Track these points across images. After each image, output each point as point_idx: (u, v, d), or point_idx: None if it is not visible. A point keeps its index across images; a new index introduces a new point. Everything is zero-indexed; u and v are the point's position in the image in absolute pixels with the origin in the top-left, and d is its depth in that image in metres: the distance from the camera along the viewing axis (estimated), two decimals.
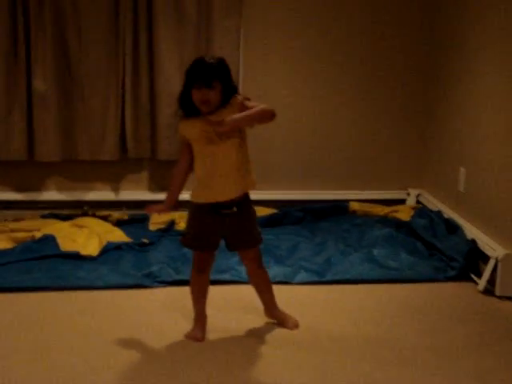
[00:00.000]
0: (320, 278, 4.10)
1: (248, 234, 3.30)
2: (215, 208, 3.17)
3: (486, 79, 4.29)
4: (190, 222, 3.29)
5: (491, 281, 3.92)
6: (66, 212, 5.08)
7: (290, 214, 5.17)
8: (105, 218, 4.98)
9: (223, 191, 3.16)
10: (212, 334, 3.35)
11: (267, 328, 3.44)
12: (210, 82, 2.99)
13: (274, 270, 4.13)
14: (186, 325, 3.44)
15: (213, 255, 3.33)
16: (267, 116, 3.14)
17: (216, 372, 2.99)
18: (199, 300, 3.34)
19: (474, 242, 4.18)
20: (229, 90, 3.07)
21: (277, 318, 3.47)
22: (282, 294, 3.88)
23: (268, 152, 5.37)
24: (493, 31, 4.19)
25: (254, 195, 5.25)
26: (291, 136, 5.37)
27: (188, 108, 3.09)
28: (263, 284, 3.44)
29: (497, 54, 4.13)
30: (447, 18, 4.97)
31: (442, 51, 5.06)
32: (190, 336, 3.30)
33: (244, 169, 3.19)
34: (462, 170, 4.61)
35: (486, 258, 4.01)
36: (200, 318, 3.34)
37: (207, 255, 3.29)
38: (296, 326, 3.44)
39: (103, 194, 5.25)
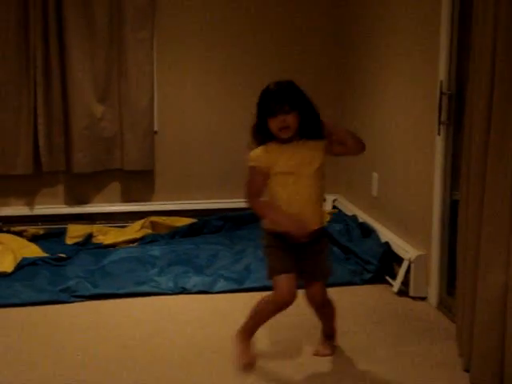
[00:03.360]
0: (239, 286, 4.12)
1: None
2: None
3: (396, 87, 4.41)
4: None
5: (405, 282, 4.02)
6: None
7: (209, 223, 5.19)
8: (20, 234, 4.89)
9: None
10: (135, 346, 3.33)
11: (189, 337, 3.44)
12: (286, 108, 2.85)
13: (193, 280, 4.15)
14: (103, 338, 3.42)
15: None
16: (362, 146, 3.00)
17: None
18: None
19: (387, 244, 4.28)
20: (308, 114, 2.93)
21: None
22: (203, 304, 3.90)
23: (186, 161, 5.38)
24: (400, 37, 4.31)
25: (174, 205, 5.30)
26: (208, 145, 5.39)
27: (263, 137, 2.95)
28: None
29: (406, 62, 4.25)
30: (357, 18, 5.09)
31: (353, 57, 5.17)
32: (238, 361, 3.06)
33: (321, 202, 3.06)
34: (375, 175, 4.73)
35: (399, 260, 4.11)
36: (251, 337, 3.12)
37: None
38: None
39: (18, 209, 5.15)
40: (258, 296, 3.93)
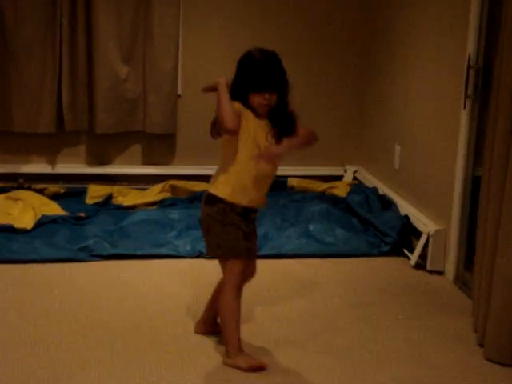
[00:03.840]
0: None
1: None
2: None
3: (423, 59, 4.35)
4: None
5: (423, 256, 4.01)
6: (0, 185, 4.98)
7: None
8: (41, 192, 4.92)
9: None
10: (151, 307, 3.36)
11: (205, 300, 3.45)
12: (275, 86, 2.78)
13: None
14: (119, 298, 3.45)
15: None
16: (313, 141, 2.90)
17: (142, 347, 3.00)
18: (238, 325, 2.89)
19: (407, 217, 4.26)
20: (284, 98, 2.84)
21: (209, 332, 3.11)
22: (219, 269, 3.91)
23: (208, 126, 5.34)
24: (429, 8, 4.25)
25: (194, 170, 5.30)
26: None
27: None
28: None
29: (434, 33, 4.19)
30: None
31: (378, 30, 5.11)
32: (252, 367, 2.81)
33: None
34: (397, 147, 4.69)
35: (418, 234, 4.09)
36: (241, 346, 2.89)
37: None
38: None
39: (39, 167, 5.17)
40: (274, 263, 3.99)
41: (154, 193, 5.03)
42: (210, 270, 3.86)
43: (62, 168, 5.19)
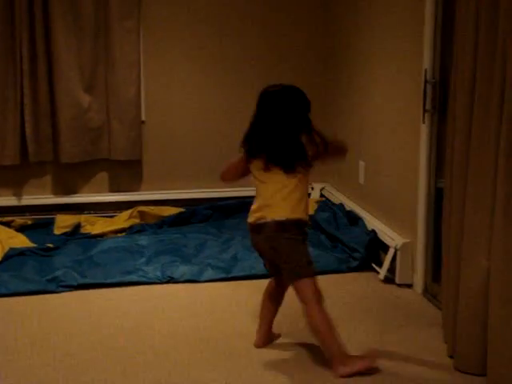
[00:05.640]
0: (227, 275, 4.14)
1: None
2: None
3: (381, 77, 4.41)
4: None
5: (391, 269, 4.04)
6: None
7: (197, 212, 5.20)
8: (8, 224, 4.89)
9: None
10: (122, 336, 3.35)
11: (177, 325, 3.45)
12: None
13: (181, 269, 4.16)
14: (90, 328, 3.43)
15: None
16: None
17: (114, 378, 2.98)
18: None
19: (374, 232, 4.30)
20: None
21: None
22: (190, 293, 3.92)
23: (174, 151, 5.38)
24: (385, 25, 4.32)
25: (162, 195, 5.31)
26: (196, 135, 5.39)
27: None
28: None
29: (391, 51, 4.26)
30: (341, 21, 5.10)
31: (339, 48, 5.17)
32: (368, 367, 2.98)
33: None
34: (362, 163, 4.74)
35: (386, 248, 4.13)
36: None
37: None
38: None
39: (5, 200, 5.14)
40: (245, 284, 4.00)
41: (122, 220, 5.02)
42: (181, 295, 3.89)
43: (29, 199, 5.16)
